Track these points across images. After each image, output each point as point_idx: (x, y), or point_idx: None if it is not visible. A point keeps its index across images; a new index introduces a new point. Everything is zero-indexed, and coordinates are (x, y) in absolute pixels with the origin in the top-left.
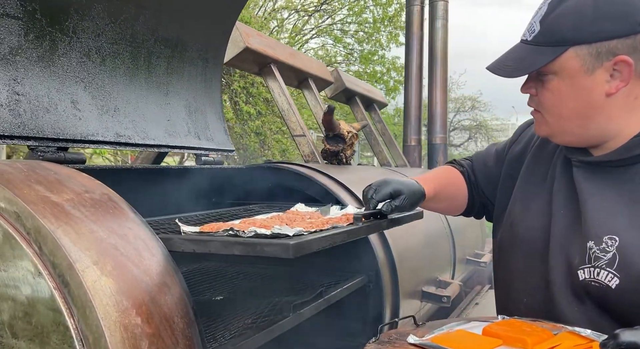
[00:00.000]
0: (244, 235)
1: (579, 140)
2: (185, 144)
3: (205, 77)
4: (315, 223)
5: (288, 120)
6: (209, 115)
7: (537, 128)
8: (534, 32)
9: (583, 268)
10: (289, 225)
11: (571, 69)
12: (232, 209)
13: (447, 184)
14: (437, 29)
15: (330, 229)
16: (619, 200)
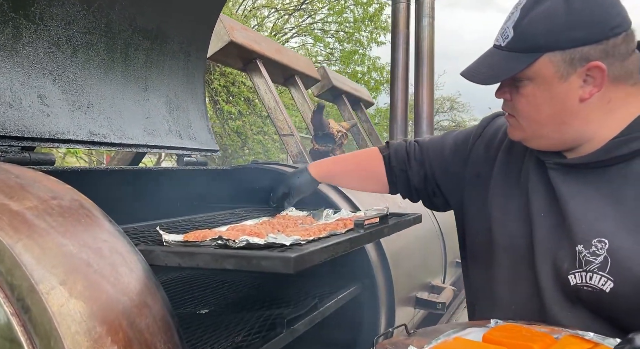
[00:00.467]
0: (234, 245)
1: (554, 144)
2: (166, 143)
3: (187, 71)
4: (311, 230)
5: (275, 119)
6: (192, 113)
7: (512, 132)
8: (507, 37)
9: (574, 272)
10: (282, 232)
11: (546, 75)
12: (218, 214)
13: (353, 169)
14: (423, 27)
15: (330, 237)
16: (602, 202)
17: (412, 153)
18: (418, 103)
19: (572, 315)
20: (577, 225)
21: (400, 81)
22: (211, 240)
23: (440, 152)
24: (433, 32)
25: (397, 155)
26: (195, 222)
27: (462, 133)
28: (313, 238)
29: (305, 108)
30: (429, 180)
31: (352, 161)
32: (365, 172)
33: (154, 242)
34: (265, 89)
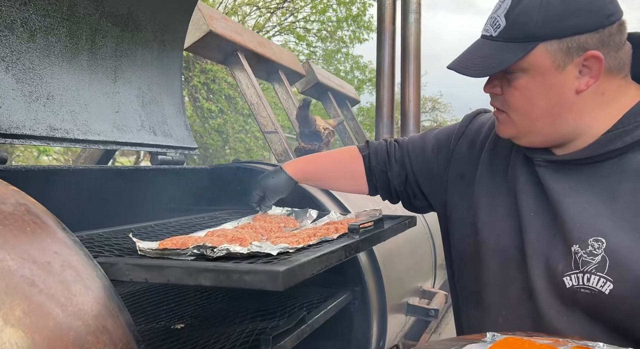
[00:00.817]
0: (212, 254)
1: (546, 140)
2: (138, 140)
3: (162, 62)
4: (299, 237)
5: (258, 115)
6: (167, 107)
7: (502, 129)
8: (499, 27)
9: (569, 274)
10: (266, 238)
11: (541, 66)
12: (195, 217)
13: (331, 169)
14: (409, 24)
15: (322, 245)
16: (596, 199)
17: (392, 153)
18: (405, 101)
19: (569, 320)
20: (571, 223)
21: (386, 79)
22: (193, 247)
23: (421, 152)
24: (420, 29)
25: (377, 156)
26: (170, 227)
27: (442, 133)
28: (303, 245)
29: (290, 105)
30: (409, 182)
31: (331, 160)
32: (344, 172)
33: (121, 252)
34: (247, 83)
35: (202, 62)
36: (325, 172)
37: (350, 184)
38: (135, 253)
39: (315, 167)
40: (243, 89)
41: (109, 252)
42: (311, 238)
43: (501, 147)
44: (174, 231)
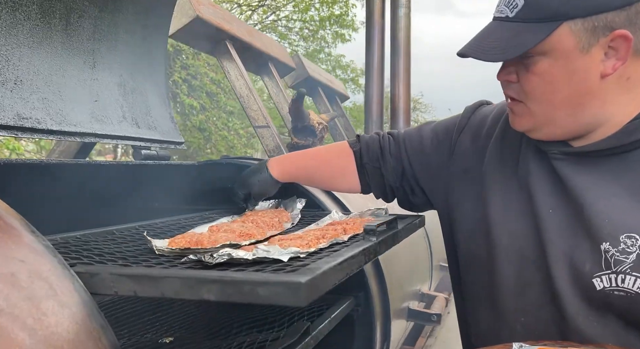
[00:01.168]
0: (211, 261)
1: (565, 132)
2: (120, 133)
3: (145, 48)
4: (307, 239)
5: (248, 109)
6: (151, 98)
7: (517, 121)
8: (516, 7)
9: (600, 275)
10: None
11: (565, 48)
12: (184, 218)
13: (320, 166)
14: (399, 18)
15: (336, 248)
16: (624, 193)
17: (386, 147)
18: (395, 98)
19: (600, 325)
20: (598, 219)
21: (375, 75)
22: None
23: (419, 145)
24: (410, 24)
25: (370, 151)
26: (156, 228)
27: (441, 125)
28: (314, 249)
29: (281, 98)
30: (406, 177)
31: (319, 158)
32: (333, 171)
33: (102, 258)
34: (236, 74)
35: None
36: (313, 171)
37: (341, 183)
38: (121, 261)
39: (302, 166)
40: (232, 81)
41: (88, 259)
42: (320, 241)
43: (509, 139)
44: (162, 233)
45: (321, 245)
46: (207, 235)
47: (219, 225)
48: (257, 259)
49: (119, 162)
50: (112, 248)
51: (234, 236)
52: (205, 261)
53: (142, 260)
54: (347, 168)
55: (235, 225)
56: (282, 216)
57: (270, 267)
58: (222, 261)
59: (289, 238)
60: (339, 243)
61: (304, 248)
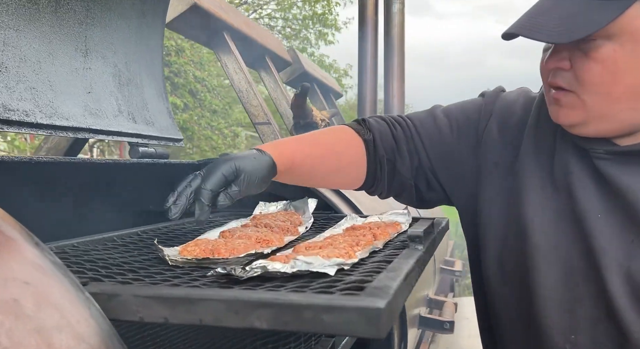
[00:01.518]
0: (242, 275)
1: (616, 128)
2: (115, 128)
3: (141, 36)
4: (342, 247)
5: (247, 104)
6: (147, 90)
7: (564, 114)
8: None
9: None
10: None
11: (635, 31)
12: (189, 221)
13: (325, 156)
14: (393, 14)
15: (379, 258)
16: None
17: (400, 137)
18: (388, 97)
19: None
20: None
21: (369, 72)
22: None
23: (438, 134)
24: (403, 20)
25: (384, 141)
26: (160, 234)
27: (460, 111)
28: (356, 260)
29: (279, 94)
30: (422, 171)
31: (324, 144)
32: (342, 161)
33: (109, 271)
34: (234, 68)
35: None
36: (318, 161)
37: (344, 177)
38: (131, 274)
39: (306, 153)
40: (230, 74)
41: (93, 272)
42: (354, 248)
43: (543, 132)
44: (168, 240)
45: (359, 253)
46: (222, 242)
47: (231, 230)
48: (297, 273)
49: (116, 160)
50: (118, 259)
51: (252, 243)
52: (236, 275)
53: (155, 273)
54: (357, 160)
55: (249, 230)
56: (295, 219)
57: (315, 282)
58: (254, 275)
59: (318, 246)
60: (376, 252)
61: (346, 259)
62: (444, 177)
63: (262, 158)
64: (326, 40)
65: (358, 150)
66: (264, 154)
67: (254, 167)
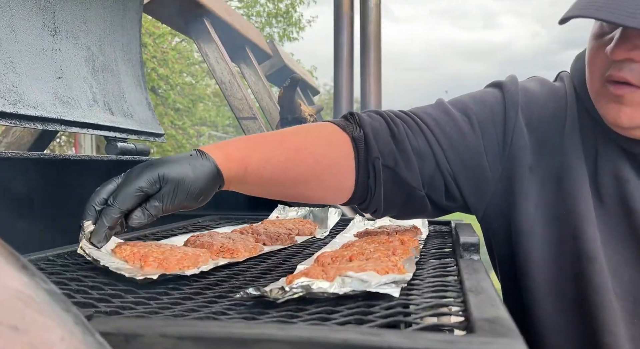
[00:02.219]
0: (279, 297)
1: None
2: (91, 120)
3: (116, 17)
4: (380, 260)
5: (231, 97)
6: (125, 78)
7: (627, 114)
8: None
9: None
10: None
11: None
12: (176, 226)
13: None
14: (369, 9)
15: (432, 272)
16: None
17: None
18: (365, 94)
19: None
20: None
21: (344, 68)
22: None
23: (457, 133)
24: (380, 15)
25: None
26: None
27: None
28: (410, 274)
29: (260, 88)
30: (438, 178)
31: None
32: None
33: (102, 294)
34: (216, 57)
35: None
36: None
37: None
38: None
39: (264, 157)
40: (211, 64)
41: (84, 296)
42: (390, 259)
43: (584, 132)
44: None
45: (407, 266)
46: (155, 250)
47: (200, 236)
48: (349, 293)
49: (92, 156)
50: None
51: (205, 255)
52: (272, 297)
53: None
54: (341, 164)
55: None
56: (305, 229)
57: (379, 307)
58: (293, 296)
59: (346, 256)
60: (418, 263)
61: (400, 273)
62: (466, 184)
63: (200, 163)
64: (290, 38)
65: (344, 150)
66: (205, 158)
67: (186, 176)
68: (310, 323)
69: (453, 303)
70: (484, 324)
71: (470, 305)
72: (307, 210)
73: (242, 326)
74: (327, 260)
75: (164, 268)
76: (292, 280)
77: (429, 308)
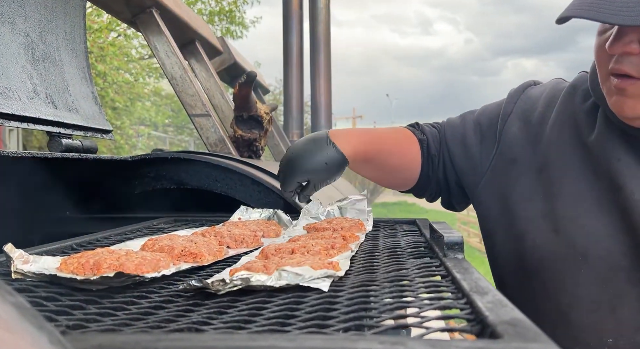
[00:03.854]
0: (220, 288)
1: None
2: (32, 113)
3: (58, 2)
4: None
5: (182, 93)
6: (68, 69)
7: (630, 106)
8: None
9: None
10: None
11: None
12: (130, 230)
13: (392, 152)
14: (319, 9)
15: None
16: None
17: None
18: (315, 93)
19: None
20: None
21: (294, 68)
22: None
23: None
24: (329, 16)
25: (435, 142)
26: (90, 248)
27: (484, 114)
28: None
29: (212, 84)
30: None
31: (389, 139)
32: (405, 159)
33: (65, 309)
34: (166, 50)
35: None
36: (384, 157)
37: (402, 176)
38: (94, 306)
39: (376, 149)
40: (161, 58)
41: (40, 308)
42: (329, 252)
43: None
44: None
45: (342, 263)
46: (107, 256)
47: (158, 239)
48: (285, 286)
49: (33, 153)
50: (62, 287)
51: (166, 260)
52: (214, 289)
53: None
54: (415, 159)
55: (180, 239)
56: (271, 230)
57: (313, 296)
58: (234, 288)
59: (289, 249)
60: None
61: (335, 269)
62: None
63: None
64: (233, 35)
65: (416, 148)
66: (333, 148)
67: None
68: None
69: (457, 305)
70: (507, 329)
71: (480, 307)
72: (270, 211)
73: (246, 338)
74: (272, 251)
75: None
76: (234, 272)
77: (432, 310)
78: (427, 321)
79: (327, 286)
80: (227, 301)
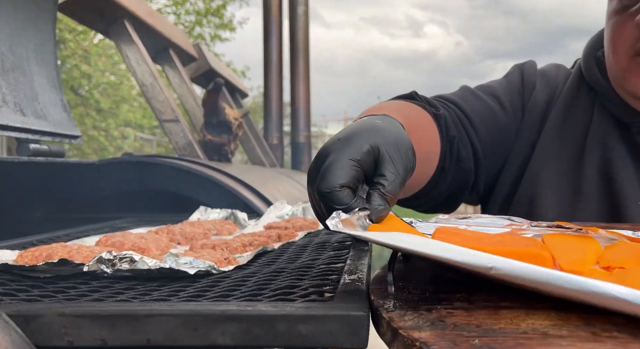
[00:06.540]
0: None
1: None
2: (1, 121)
3: (29, 16)
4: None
5: (153, 99)
6: (37, 79)
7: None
8: None
9: None
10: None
11: None
12: (91, 229)
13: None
14: (298, 16)
15: (328, 260)
16: None
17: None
18: (295, 98)
19: None
20: None
21: (274, 72)
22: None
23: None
24: (308, 22)
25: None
26: (35, 243)
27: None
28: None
29: (184, 91)
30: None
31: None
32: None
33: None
34: (137, 59)
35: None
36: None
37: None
38: (37, 290)
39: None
40: (132, 66)
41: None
42: (247, 248)
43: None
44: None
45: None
46: (60, 247)
47: (112, 236)
48: (162, 270)
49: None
50: (13, 275)
51: None
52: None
53: (65, 288)
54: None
55: (132, 236)
56: (224, 229)
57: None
58: (124, 269)
59: (209, 244)
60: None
61: (221, 263)
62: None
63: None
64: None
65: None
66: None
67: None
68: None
69: (330, 283)
70: (342, 296)
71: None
72: (228, 211)
73: (131, 304)
74: (197, 247)
75: None
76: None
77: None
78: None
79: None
80: (156, 286)
